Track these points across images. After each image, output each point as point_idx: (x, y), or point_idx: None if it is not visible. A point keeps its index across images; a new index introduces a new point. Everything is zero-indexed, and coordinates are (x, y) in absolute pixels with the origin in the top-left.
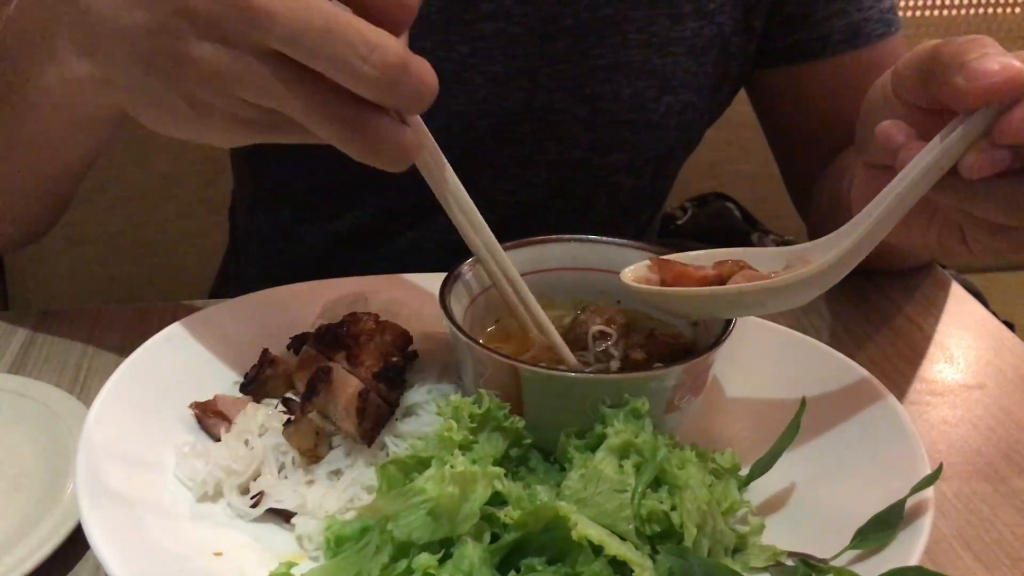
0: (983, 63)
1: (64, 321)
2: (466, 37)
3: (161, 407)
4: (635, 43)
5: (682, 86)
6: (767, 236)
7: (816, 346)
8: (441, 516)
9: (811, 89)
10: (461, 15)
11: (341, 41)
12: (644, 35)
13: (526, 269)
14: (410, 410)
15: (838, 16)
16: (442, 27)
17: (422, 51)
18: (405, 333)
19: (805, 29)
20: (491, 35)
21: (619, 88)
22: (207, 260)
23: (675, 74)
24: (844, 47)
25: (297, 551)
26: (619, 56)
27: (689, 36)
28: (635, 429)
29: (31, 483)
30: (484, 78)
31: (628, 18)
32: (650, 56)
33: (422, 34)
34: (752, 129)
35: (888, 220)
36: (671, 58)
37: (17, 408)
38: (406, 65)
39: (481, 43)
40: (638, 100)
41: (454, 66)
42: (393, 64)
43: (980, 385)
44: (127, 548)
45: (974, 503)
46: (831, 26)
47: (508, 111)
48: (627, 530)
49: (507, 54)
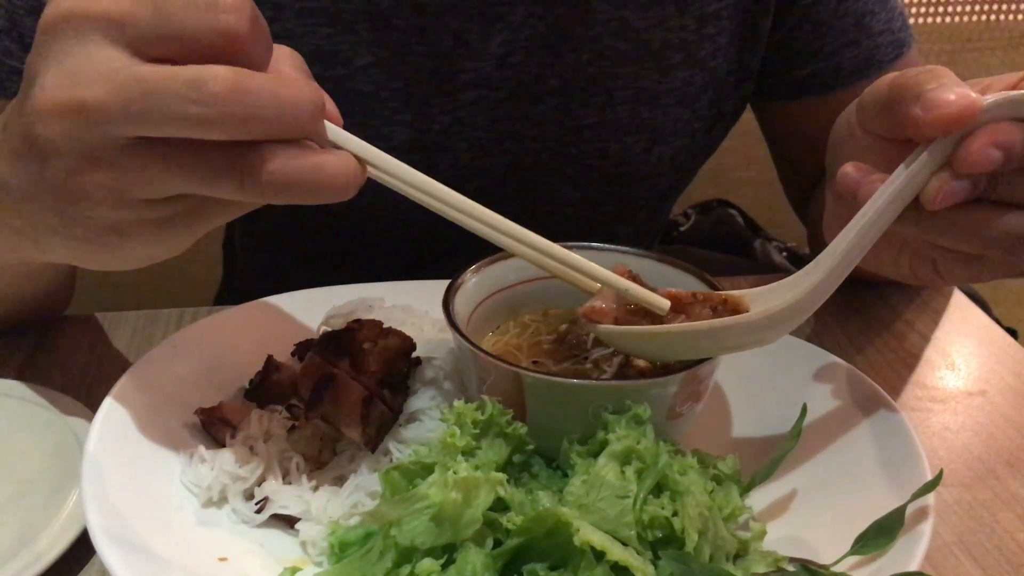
0: (939, 93)
1: (70, 327)
2: (447, 107)
3: (166, 413)
4: (622, 99)
5: (674, 134)
6: (770, 243)
7: (817, 352)
8: (444, 522)
9: (822, 118)
10: (441, 85)
11: (163, 95)
12: (631, 91)
13: (532, 276)
14: (413, 416)
15: (848, 48)
16: (422, 100)
17: (403, 123)
18: (409, 340)
19: (815, 63)
20: (472, 102)
21: (607, 145)
22: (213, 267)
23: (665, 124)
24: (856, 77)
25: (301, 556)
26: (605, 114)
27: (680, 86)
28: (637, 435)
29: (37, 488)
30: (468, 144)
31: (614, 75)
32: (638, 110)
33: (401, 108)
34: (755, 136)
35: (854, 253)
36: (661, 110)
37: (23, 414)
38: (239, 84)
39: (463, 112)
40: (627, 154)
41: (437, 135)
42: (220, 91)
43: (981, 392)
44: (132, 553)
45: (975, 509)
46: (841, 58)
47: (494, 172)
48: (629, 536)
49: (490, 119)
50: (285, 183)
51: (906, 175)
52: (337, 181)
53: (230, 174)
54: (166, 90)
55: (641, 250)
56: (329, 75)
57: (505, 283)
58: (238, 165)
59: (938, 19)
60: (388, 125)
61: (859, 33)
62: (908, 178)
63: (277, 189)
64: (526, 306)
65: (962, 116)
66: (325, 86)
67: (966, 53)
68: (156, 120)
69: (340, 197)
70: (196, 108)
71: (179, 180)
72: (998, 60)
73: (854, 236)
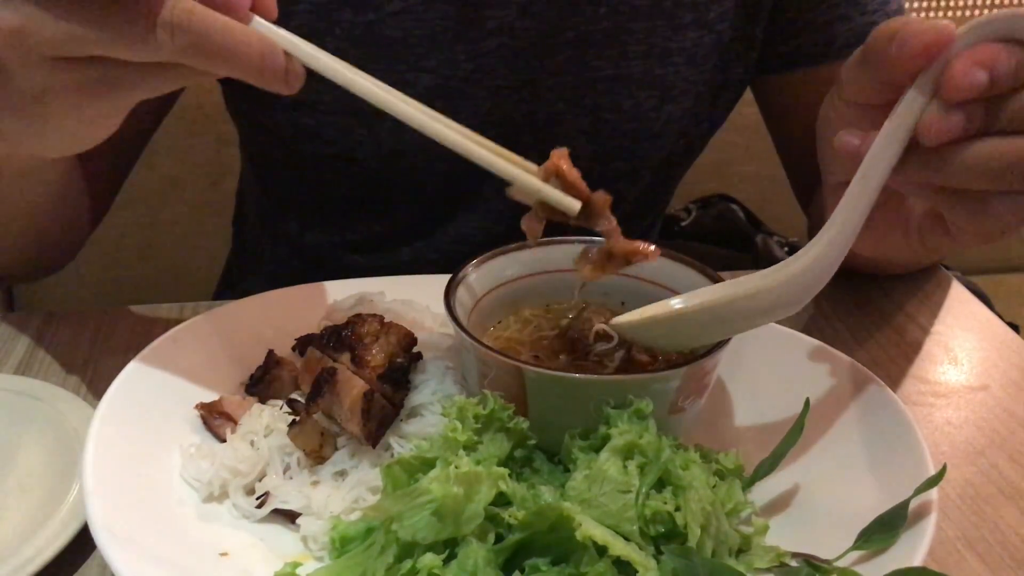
0: (911, 26)
1: (70, 323)
2: (471, 53)
3: (167, 408)
4: (636, 54)
5: (682, 94)
6: (771, 237)
7: (820, 347)
8: (446, 516)
9: (816, 93)
10: (466, 33)
11: None
12: (644, 46)
13: (533, 270)
14: (415, 411)
15: (841, 21)
16: (447, 45)
17: (428, 69)
18: (410, 334)
19: (807, 34)
20: (495, 50)
21: (620, 99)
22: (213, 262)
23: (675, 83)
24: (848, 52)
25: (302, 551)
26: (620, 67)
27: (689, 46)
28: (639, 430)
29: (38, 484)
30: (488, 91)
31: (628, 30)
32: (651, 66)
33: (428, 53)
34: (756, 131)
35: (863, 201)
36: (672, 68)
37: (23, 409)
38: None
39: (485, 58)
40: (639, 110)
41: (459, 82)
42: None
43: (984, 387)
44: (133, 548)
45: (978, 504)
46: (834, 31)
47: (512, 122)
48: (631, 531)
49: (510, 67)
50: (195, 31)
51: (899, 114)
52: (251, 50)
53: (135, 20)
54: None
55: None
56: (360, 20)
57: (506, 278)
58: (143, 10)
59: (940, 14)
60: (413, 71)
61: (852, 8)
62: (901, 117)
63: (187, 36)
64: (527, 301)
65: (938, 40)
66: (355, 31)
67: None
68: None
69: (259, 76)
70: None
71: (84, 32)
72: None
73: (860, 184)
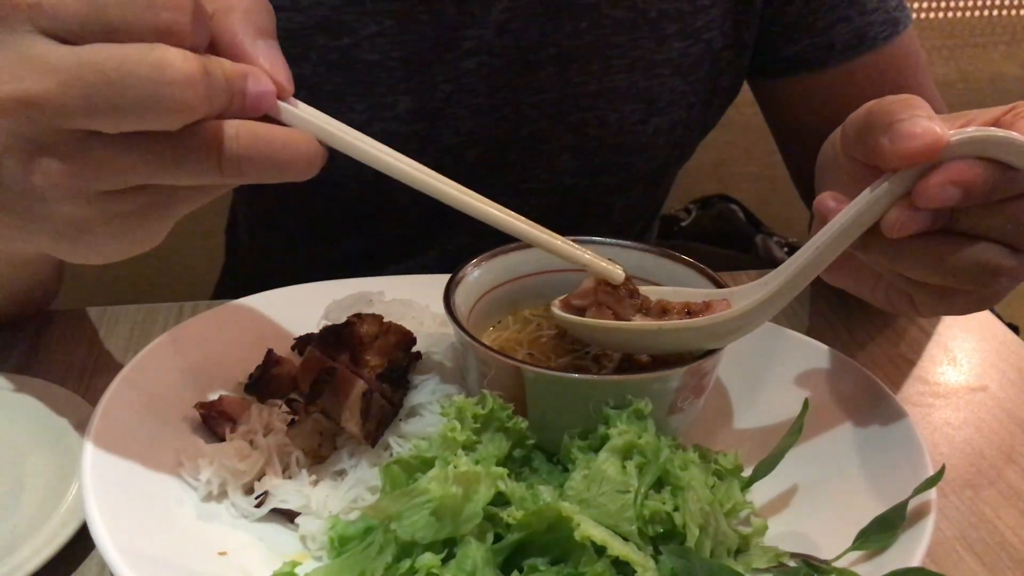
0: (907, 126)
1: (69, 321)
2: (450, 74)
3: (166, 407)
4: (619, 68)
5: (670, 105)
6: (771, 238)
7: (819, 348)
8: (444, 516)
9: (819, 96)
10: (443, 54)
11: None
12: (628, 60)
13: (533, 270)
14: (414, 411)
15: (841, 23)
16: (425, 67)
17: (406, 91)
18: (409, 334)
19: (808, 38)
20: (474, 69)
21: (604, 113)
22: (212, 261)
23: (662, 95)
24: (849, 54)
25: (301, 551)
26: (603, 82)
27: (675, 56)
28: (638, 430)
29: (37, 483)
30: (469, 111)
31: (611, 44)
32: (636, 79)
33: (406, 75)
34: (756, 131)
35: (809, 270)
36: (657, 80)
37: (23, 408)
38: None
39: (464, 79)
40: (625, 123)
41: (439, 103)
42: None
43: (983, 387)
44: (132, 547)
45: (977, 505)
46: (834, 34)
47: (496, 141)
48: (630, 531)
49: (490, 86)
50: (259, 157)
51: (867, 200)
52: (306, 156)
53: (199, 154)
54: (131, 73)
55: (643, 244)
56: (335, 45)
57: (506, 277)
58: (206, 144)
59: (940, 14)
60: (392, 94)
61: (851, 9)
62: (869, 204)
63: (252, 165)
64: (527, 301)
65: (926, 151)
66: (331, 56)
67: (968, 48)
68: (124, 109)
69: (307, 174)
70: (169, 90)
71: (142, 169)
72: (1000, 55)
73: (811, 254)
